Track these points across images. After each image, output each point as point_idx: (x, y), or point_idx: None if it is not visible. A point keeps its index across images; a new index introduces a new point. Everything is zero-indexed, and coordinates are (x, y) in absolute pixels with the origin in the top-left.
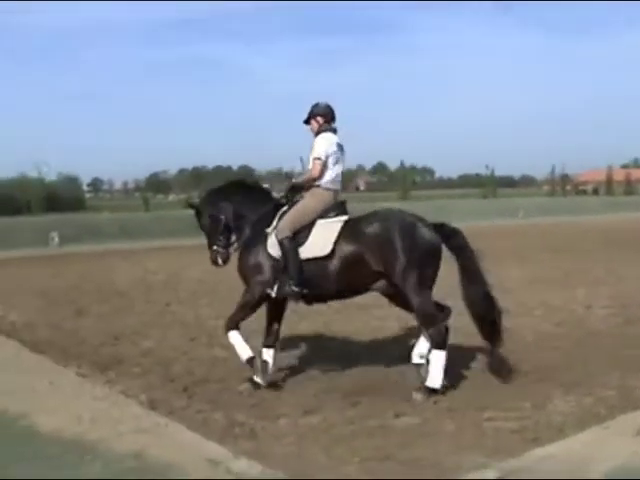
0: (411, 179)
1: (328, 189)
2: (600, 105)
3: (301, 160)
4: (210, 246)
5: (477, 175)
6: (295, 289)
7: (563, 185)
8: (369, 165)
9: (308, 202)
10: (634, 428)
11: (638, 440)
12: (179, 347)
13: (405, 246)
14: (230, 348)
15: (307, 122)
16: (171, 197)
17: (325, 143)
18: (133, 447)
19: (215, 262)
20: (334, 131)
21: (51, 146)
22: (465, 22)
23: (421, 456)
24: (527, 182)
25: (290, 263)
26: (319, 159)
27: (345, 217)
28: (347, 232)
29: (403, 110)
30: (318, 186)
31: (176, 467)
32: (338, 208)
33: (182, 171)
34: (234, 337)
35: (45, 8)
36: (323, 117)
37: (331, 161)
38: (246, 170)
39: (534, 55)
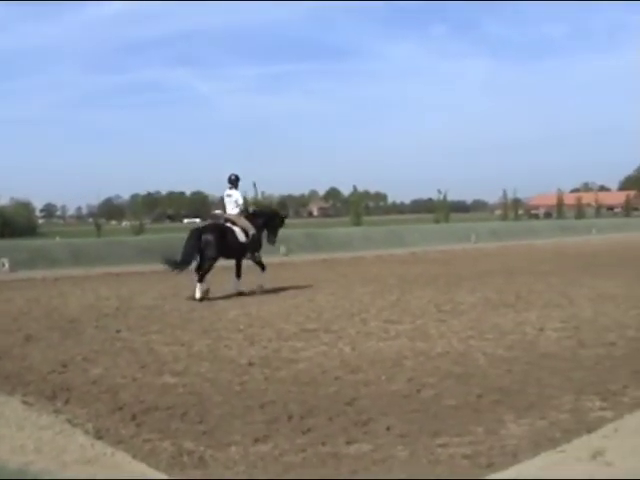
0: (364, 204)
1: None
2: (549, 131)
3: (254, 185)
4: None
5: (429, 200)
6: None
7: (515, 209)
8: (322, 191)
9: None
10: (589, 452)
11: (594, 464)
12: (128, 374)
13: None
14: (180, 375)
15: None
16: (124, 223)
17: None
18: (77, 478)
19: None
20: (230, 187)
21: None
22: (417, 49)
23: None
24: (479, 207)
25: None
26: None
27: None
28: None
29: (356, 136)
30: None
31: None
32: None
33: (135, 197)
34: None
35: None
36: (228, 181)
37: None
38: (199, 196)
39: (484, 81)
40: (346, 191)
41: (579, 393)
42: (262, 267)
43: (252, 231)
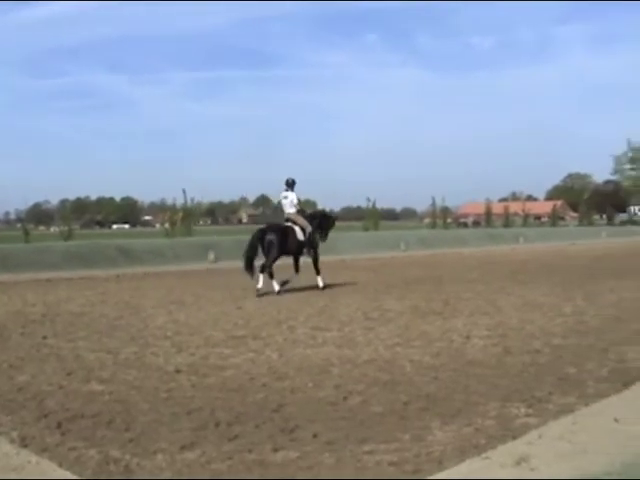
0: None
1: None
2: (478, 140)
3: (184, 192)
4: None
5: (359, 208)
6: None
7: (444, 217)
8: (252, 197)
9: None
10: (514, 458)
11: (518, 470)
12: (54, 382)
13: None
14: (106, 382)
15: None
16: (53, 229)
17: (280, 197)
18: None
19: None
20: (286, 189)
21: None
22: (349, 57)
23: None
24: (409, 215)
25: None
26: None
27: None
28: None
29: (285, 142)
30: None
31: None
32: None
33: (64, 202)
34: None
35: None
36: (285, 184)
37: (282, 203)
38: (129, 202)
39: (414, 90)
40: (276, 198)
41: (505, 400)
42: (317, 271)
43: (309, 229)
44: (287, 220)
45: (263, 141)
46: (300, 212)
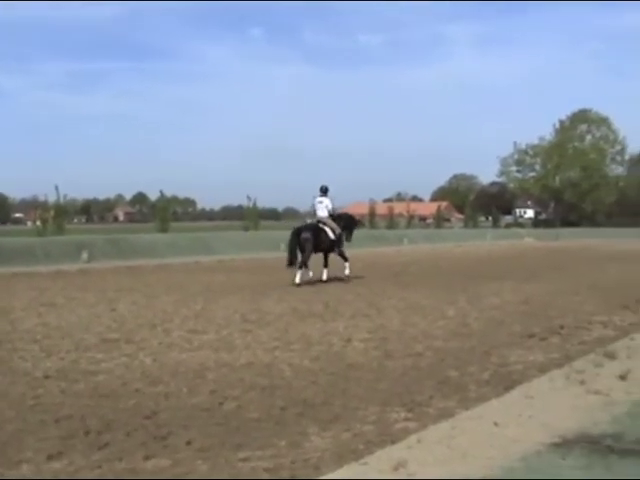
0: (172, 210)
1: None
2: (364, 140)
3: (56, 188)
4: None
5: (240, 207)
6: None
7: None
8: (129, 195)
9: None
10: (392, 463)
11: (396, 475)
12: None
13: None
14: None
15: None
16: None
17: (315, 202)
18: None
19: None
20: (321, 195)
21: None
22: (234, 51)
23: None
24: (291, 214)
25: None
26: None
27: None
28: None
29: (165, 139)
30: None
31: None
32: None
33: None
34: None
35: None
36: (320, 191)
37: (316, 207)
38: None
39: (300, 87)
40: (153, 196)
41: (384, 404)
42: (345, 259)
43: (338, 230)
44: (319, 222)
45: (141, 136)
46: (330, 216)
